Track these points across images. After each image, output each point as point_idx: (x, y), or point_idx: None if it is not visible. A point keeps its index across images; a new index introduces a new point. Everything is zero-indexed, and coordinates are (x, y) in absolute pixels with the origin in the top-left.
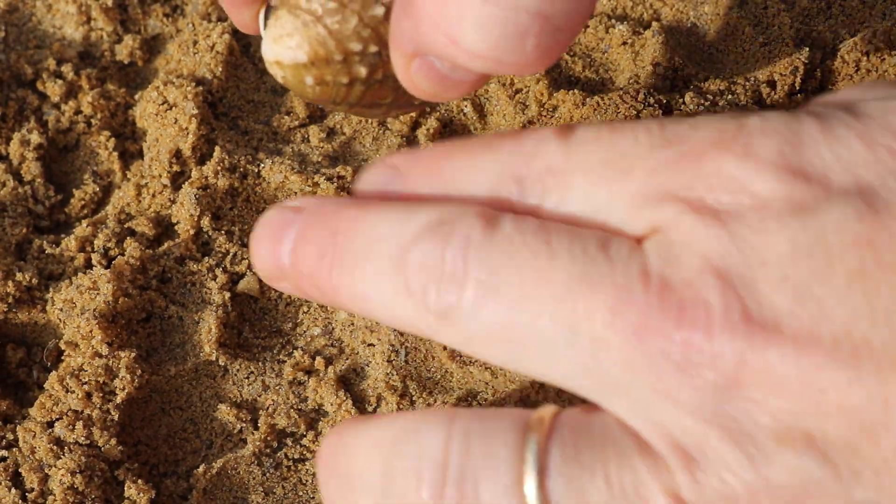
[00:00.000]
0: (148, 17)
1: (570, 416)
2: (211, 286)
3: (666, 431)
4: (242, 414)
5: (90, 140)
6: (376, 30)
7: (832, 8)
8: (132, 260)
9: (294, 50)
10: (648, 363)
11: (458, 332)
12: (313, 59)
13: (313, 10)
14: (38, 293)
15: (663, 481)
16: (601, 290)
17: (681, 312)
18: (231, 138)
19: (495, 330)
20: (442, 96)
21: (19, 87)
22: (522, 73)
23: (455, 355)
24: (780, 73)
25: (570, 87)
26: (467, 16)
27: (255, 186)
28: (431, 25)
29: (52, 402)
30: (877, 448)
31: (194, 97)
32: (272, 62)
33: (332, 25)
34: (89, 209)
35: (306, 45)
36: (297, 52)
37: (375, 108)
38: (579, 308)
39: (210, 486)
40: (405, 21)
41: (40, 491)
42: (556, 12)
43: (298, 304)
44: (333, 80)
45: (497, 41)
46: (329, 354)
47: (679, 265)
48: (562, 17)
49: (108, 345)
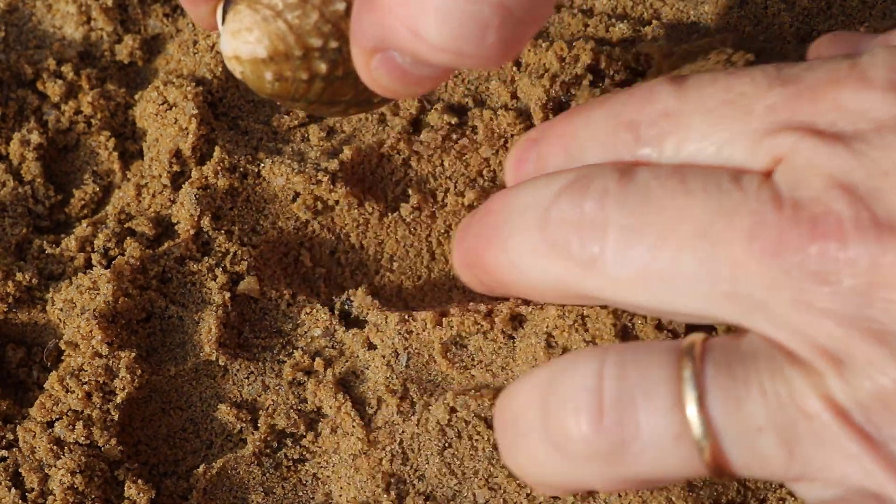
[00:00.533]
0: (148, 17)
1: (719, 340)
2: (211, 286)
3: (812, 339)
4: (242, 414)
5: (90, 140)
6: (337, 25)
7: (832, 8)
8: (132, 260)
9: (253, 44)
10: (788, 277)
11: (604, 279)
12: (273, 54)
13: (273, 5)
14: (38, 293)
15: (816, 386)
16: (737, 219)
17: (813, 226)
18: (231, 138)
19: (640, 272)
20: (402, 93)
21: (19, 87)
22: (484, 67)
23: (455, 360)
24: None
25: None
26: (429, 8)
27: (255, 186)
28: (393, 18)
29: (52, 402)
30: None
31: (194, 97)
32: (231, 57)
33: (292, 20)
34: (89, 209)
35: (266, 39)
36: (256, 46)
37: (334, 105)
38: (719, 239)
39: (210, 486)
40: (366, 15)
41: (40, 491)
42: (517, 5)
43: (300, 305)
44: (293, 75)
45: (459, 33)
46: (329, 356)
47: (807, 186)
48: (523, 10)
49: (108, 345)
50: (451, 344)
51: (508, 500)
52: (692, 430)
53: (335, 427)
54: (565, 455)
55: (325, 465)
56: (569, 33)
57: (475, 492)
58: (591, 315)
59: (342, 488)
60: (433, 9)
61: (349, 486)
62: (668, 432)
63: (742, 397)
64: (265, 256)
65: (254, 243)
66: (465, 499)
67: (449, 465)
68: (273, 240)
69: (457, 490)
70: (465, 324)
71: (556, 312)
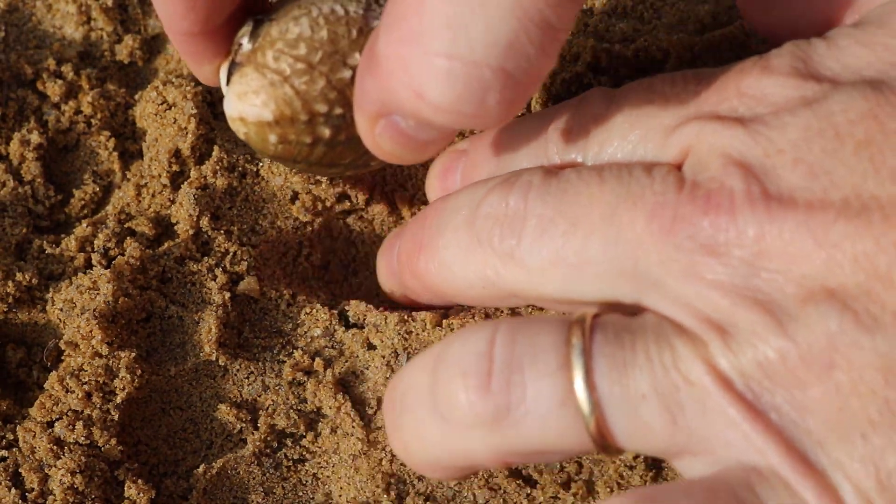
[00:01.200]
0: (148, 17)
1: (612, 316)
2: (211, 286)
3: (698, 310)
4: (242, 414)
5: (90, 140)
6: (343, 92)
7: None
8: (132, 260)
9: (259, 108)
10: (679, 251)
11: (520, 269)
12: (279, 118)
13: (281, 70)
14: (38, 293)
15: (700, 354)
16: (641, 202)
17: (707, 201)
18: (230, 137)
19: (552, 260)
20: (405, 158)
21: (19, 87)
22: (485, 127)
23: None
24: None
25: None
26: (432, 71)
27: (253, 186)
28: (397, 81)
29: (52, 402)
30: (892, 291)
31: (193, 97)
32: (235, 118)
33: (299, 86)
34: (89, 209)
35: (272, 103)
36: (262, 110)
37: (333, 167)
38: (623, 221)
39: (210, 486)
40: (369, 80)
41: (40, 491)
42: (517, 68)
43: (300, 305)
44: (297, 139)
45: (460, 95)
46: (329, 356)
47: (707, 167)
48: (523, 72)
49: (108, 345)
50: None
51: (508, 500)
52: (577, 397)
53: (335, 427)
54: (451, 424)
55: (325, 465)
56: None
57: (475, 492)
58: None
59: (342, 488)
60: (436, 72)
61: (349, 487)
62: (553, 397)
63: (628, 365)
64: (265, 256)
65: (253, 243)
66: (465, 499)
67: None
68: (272, 239)
69: (457, 490)
70: (465, 324)
71: (556, 312)
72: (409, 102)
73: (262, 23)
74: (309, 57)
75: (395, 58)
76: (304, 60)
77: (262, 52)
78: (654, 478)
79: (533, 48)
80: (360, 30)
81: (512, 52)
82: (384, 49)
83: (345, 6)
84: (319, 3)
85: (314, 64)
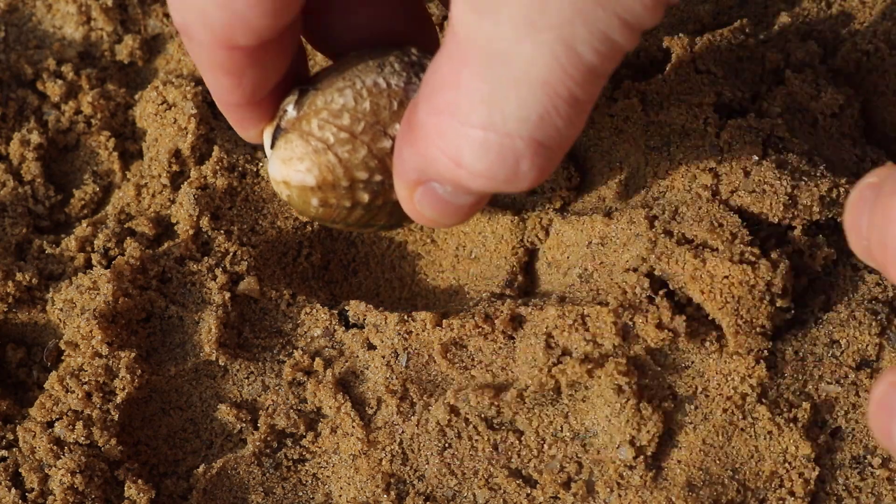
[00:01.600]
0: (148, 17)
1: None
2: (211, 286)
3: None
4: (242, 414)
5: (90, 140)
6: (383, 161)
7: (832, 8)
8: (132, 260)
9: (303, 173)
10: None
11: None
12: (321, 183)
13: (325, 139)
14: (38, 293)
15: None
16: None
17: None
18: (230, 137)
19: None
20: (443, 223)
21: (19, 87)
22: (520, 191)
23: (454, 360)
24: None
25: None
26: (468, 140)
27: (253, 186)
28: (435, 149)
29: (52, 402)
30: None
31: (193, 97)
32: (279, 181)
33: (342, 154)
34: (89, 209)
35: (316, 170)
36: (306, 175)
37: (368, 227)
38: None
39: (210, 486)
40: (408, 149)
41: (40, 491)
42: (546, 138)
43: (300, 305)
44: (337, 203)
45: (494, 163)
46: (329, 356)
47: None
48: (552, 141)
49: (108, 345)
50: (450, 344)
51: (508, 500)
52: None
53: (335, 427)
54: None
55: (324, 465)
56: None
57: (475, 492)
58: (592, 314)
59: (342, 488)
60: (471, 141)
61: (349, 487)
62: None
63: None
64: (265, 256)
65: (253, 243)
66: (465, 499)
67: (449, 466)
68: (272, 239)
69: (457, 490)
70: (466, 325)
71: (556, 312)
72: (446, 169)
73: (307, 92)
74: (352, 127)
75: (434, 128)
76: (347, 130)
77: (307, 120)
78: (653, 478)
79: (562, 120)
80: (400, 102)
81: (542, 124)
82: (423, 119)
83: (387, 79)
84: (363, 75)
85: (357, 133)
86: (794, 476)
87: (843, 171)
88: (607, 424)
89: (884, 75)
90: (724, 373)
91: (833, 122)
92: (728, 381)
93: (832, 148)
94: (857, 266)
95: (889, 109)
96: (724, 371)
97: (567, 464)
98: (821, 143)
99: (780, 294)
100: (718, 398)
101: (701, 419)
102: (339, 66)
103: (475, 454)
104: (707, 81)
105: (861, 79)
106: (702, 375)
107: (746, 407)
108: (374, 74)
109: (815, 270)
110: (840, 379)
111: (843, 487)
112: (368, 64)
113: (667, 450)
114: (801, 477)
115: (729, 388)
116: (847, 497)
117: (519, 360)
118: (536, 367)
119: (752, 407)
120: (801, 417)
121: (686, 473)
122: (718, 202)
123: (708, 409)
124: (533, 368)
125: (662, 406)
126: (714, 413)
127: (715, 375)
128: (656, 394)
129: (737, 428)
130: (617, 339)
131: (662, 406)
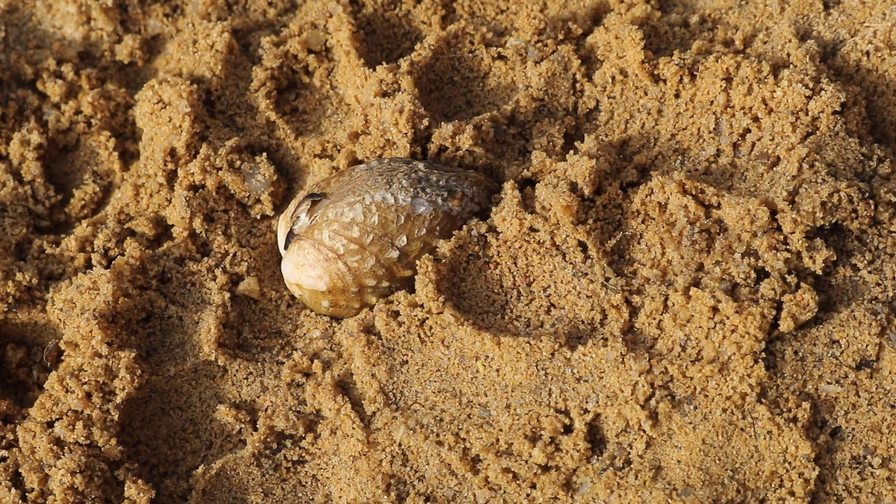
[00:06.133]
0: (148, 17)
1: None
2: (210, 286)
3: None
4: (241, 415)
5: (90, 140)
6: (390, 269)
7: (832, 8)
8: (132, 260)
9: (315, 279)
10: None
11: None
12: (331, 288)
13: (335, 248)
14: (38, 293)
15: None
16: None
17: None
18: (226, 136)
19: None
20: None
21: (19, 87)
22: None
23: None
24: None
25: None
26: None
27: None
28: None
29: (52, 402)
30: None
31: (188, 95)
32: (292, 283)
33: (351, 263)
34: (89, 209)
35: (326, 276)
36: (317, 281)
37: None
38: None
39: (209, 486)
40: None
41: (40, 491)
42: None
43: (300, 307)
44: (346, 304)
45: None
46: (327, 358)
47: None
48: None
49: (107, 345)
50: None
51: (508, 500)
52: None
53: (335, 429)
54: None
55: (324, 466)
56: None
57: (475, 492)
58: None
59: (342, 489)
60: None
61: (349, 488)
62: None
63: None
64: (265, 257)
65: (253, 244)
66: (465, 499)
67: (449, 466)
68: (272, 240)
69: (457, 490)
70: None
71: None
72: None
73: (319, 201)
74: (361, 239)
75: None
76: (356, 242)
77: (318, 230)
78: (653, 478)
79: None
80: (407, 216)
81: None
82: None
83: (395, 195)
84: (372, 190)
85: (366, 245)
86: (794, 476)
87: (847, 173)
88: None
89: (884, 75)
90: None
91: (837, 120)
92: (727, 380)
93: (836, 148)
94: (857, 266)
95: (889, 109)
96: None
97: (567, 464)
98: (824, 144)
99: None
100: (718, 398)
101: (700, 419)
102: (350, 179)
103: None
104: None
105: (861, 79)
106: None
107: (746, 407)
108: (383, 190)
109: (815, 272)
110: (840, 379)
111: (843, 487)
112: (378, 180)
113: (667, 450)
114: (801, 477)
115: (728, 387)
116: (847, 497)
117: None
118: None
119: (752, 407)
120: (801, 417)
121: (685, 473)
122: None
123: (707, 409)
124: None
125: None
126: (713, 413)
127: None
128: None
129: (736, 428)
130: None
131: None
